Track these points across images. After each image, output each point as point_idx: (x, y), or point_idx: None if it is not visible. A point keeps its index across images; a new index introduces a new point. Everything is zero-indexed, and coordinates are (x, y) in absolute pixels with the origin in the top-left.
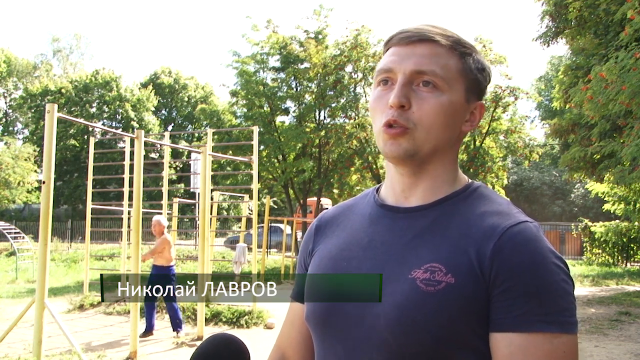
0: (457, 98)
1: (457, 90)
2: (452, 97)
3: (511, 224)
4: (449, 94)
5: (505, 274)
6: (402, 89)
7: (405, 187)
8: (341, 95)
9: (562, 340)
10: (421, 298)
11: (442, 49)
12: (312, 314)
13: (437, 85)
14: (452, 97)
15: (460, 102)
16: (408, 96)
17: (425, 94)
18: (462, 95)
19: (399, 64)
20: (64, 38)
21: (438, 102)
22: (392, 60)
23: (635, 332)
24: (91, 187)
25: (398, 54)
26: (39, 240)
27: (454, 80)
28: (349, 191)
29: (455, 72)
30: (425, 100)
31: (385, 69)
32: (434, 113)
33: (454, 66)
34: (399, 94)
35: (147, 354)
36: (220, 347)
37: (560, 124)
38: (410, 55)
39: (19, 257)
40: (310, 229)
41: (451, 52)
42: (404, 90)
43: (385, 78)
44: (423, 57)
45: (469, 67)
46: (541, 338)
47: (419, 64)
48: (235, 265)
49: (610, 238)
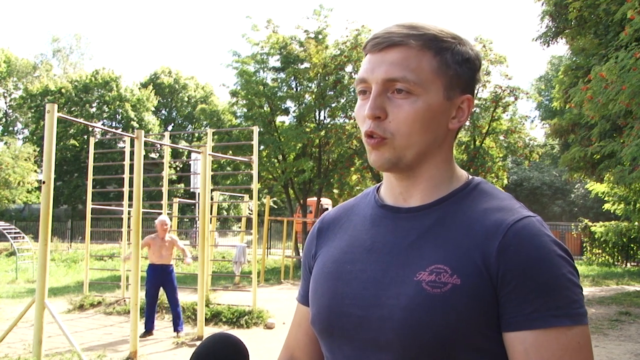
0: (434, 99)
1: (433, 91)
2: (428, 100)
3: (514, 220)
4: (425, 97)
5: (512, 272)
6: (375, 100)
7: (402, 189)
8: (341, 95)
9: (575, 332)
10: (427, 300)
11: (412, 50)
12: (317, 318)
13: (410, 91)
14: (428, 99)
15: (439, 102)
16: (383, 106)
17: (400, 101)
18: (441, 94)
19: (371, 74)
20: (64, 38)
21: (413, 108)
22: (365, 69)
23: (635, 332)
24: (91, 187)
25: (370, 62)
26: (39, 240)
27: (429, 81)
28: (349, 191)
29: (430, 72)
30: (400, 108)
31: (360, 79)
32: (410, 120)
33: (427, 67)
34: (372, 106)
35: (147, 354)
36: (219, 346)
37: (560, 124)
38: (381, 63)
39: (19, 257)
40: (312, 232)
41: (423, 53)
42: (378, 101)
43: (363, 89)
44: (393, 63)
45: (446, 63)
46: (555, 333)
47: (389, 72)
48: (235, 265)
49: (610, 238)
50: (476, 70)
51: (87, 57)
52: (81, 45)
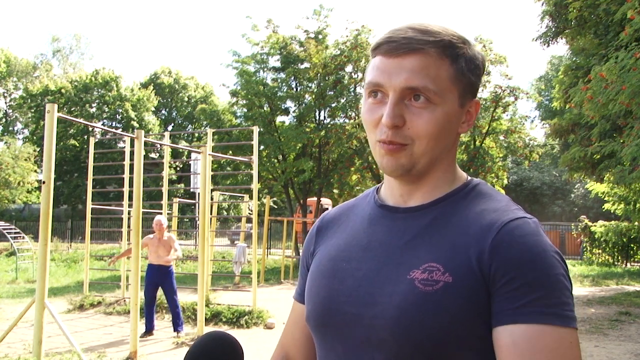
0: (451, 107)
1: (450, 100)
2: (445, 108)
3: (509, 219)
4: (442, 105)
5: (504, 267)
6: (394, 108)
7: (403, 192)
8: (341, 95)
9: (566, 331)
10: (420, 298)
11: (432, 58)
12: (312, 315)
13: (429, 99)
14: (445, 108)
15: (455, 110)
16: (401, 113)
17: (418, 109)
18: (456, 102)
19: (388, 80)
20: (64, 38)
21: (432, 116)
22: (381, 74)
23: (635, 332)
24: (91, 187)
25: (386, 67)
26: (39, 240)
27: (447, 90)
28: (349, 191)
29: (447, 81)
30: (419, 117)
31: (375, 84)
32: (430, 129)
33: (445, 75)
34: (391, 114)
35: (147, 354)
36: (213, 344)
37: (560, 124)
38: (400, 70)
39: (19, 257)
40: (312, 230)
41: (441, 60)
42: (397, 109)
43: (375, 90)
44: (413, 71)
45: (461, 71)
46: (544, 330)
47: (409, 80)
48: (235, 265)
49: (610, 238)
50: (482, 75)
51: (87, 57)
52: (81, 45)
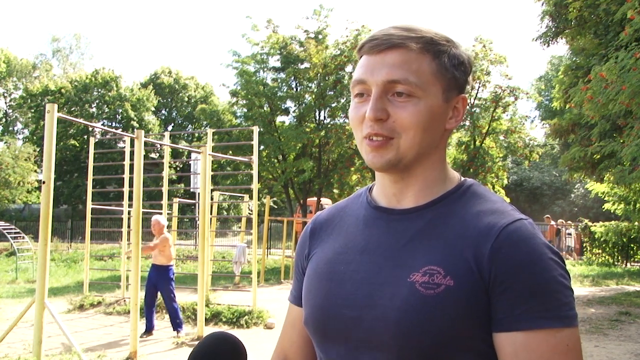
0: (434, 101)
1: (433, 93)
2: (429, 102)
3: (507, 222)
4: (426, 99)
5: (504, 274)
6: (377, 102)
7: (396, 191)
8: (341, 95)
9: (564, 334)
10: (421, 301)
11: (413, 53)
12: (311, 319)
13: (411, 94)
14: (429, 101)
15: (439, 104)
16: (384, 107)
17: (402, 103)
18: (440, 96)
19: (371, 75)
20: (63, 38)
21: (416, 109)
22: (363, 71)
23: (635, 332)
24: (91, 187)
25: (369, 64)
26: (39, 240)
27: (429, 83)
28: (349, 191)
29: (429, 75)
30: (402, 109)
31: (359, 81)
32: (414, 120)
33: (427, 69)
34: (374, 107)
35: (147, 354)
36: (217, 345)
37: (560, 124)
38: (381, 66)
39: (19, 257)
40: (304, 232)
41: (423, 55)
42: (380, 103)
43: (361, 91)
44: (394, 65)
45: (444, 67)
46: (544, 334)
47: (390, 73)
48: (235, 265)
49: (610, 238)
50: (469, 73)
51: (87, 57)
52: (81, 45)
